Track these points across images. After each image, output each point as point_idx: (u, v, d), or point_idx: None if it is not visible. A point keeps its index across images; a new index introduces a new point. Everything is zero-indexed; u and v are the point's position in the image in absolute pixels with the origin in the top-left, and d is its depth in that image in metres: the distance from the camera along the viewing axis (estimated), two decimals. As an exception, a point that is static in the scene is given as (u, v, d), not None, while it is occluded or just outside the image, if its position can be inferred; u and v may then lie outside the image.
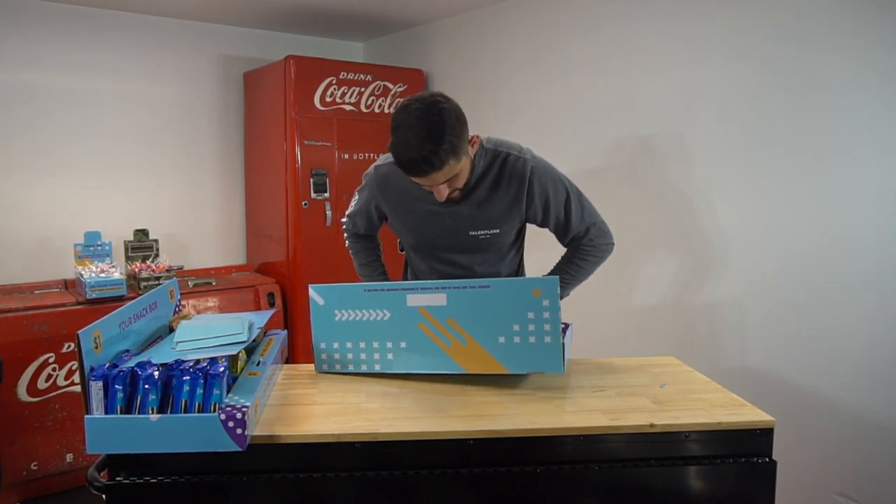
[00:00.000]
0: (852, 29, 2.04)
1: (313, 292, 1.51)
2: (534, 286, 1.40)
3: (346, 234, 1.97)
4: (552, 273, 1.77)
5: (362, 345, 1.51)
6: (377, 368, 1.52)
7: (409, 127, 1.44)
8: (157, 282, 3.00)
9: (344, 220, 1.95)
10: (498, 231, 1.69)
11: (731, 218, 2.41)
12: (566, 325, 1.57)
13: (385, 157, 1.74)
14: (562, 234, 1.74)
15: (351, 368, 1.53)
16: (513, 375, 1.51)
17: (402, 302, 1.46)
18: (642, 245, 2.72)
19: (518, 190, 1.64)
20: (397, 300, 1.46)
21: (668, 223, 2.62)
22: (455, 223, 1.68)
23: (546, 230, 1.76)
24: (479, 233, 1.69)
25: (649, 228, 2.69)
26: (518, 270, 1.87)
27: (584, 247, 1.74)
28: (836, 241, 2.12)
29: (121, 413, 1.15)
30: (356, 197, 1.87)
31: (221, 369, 1.20)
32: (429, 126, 1.42)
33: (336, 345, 1.52)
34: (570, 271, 1.76)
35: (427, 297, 1.45)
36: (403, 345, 1.48)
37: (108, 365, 1.19)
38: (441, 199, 1.57)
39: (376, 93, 3.58)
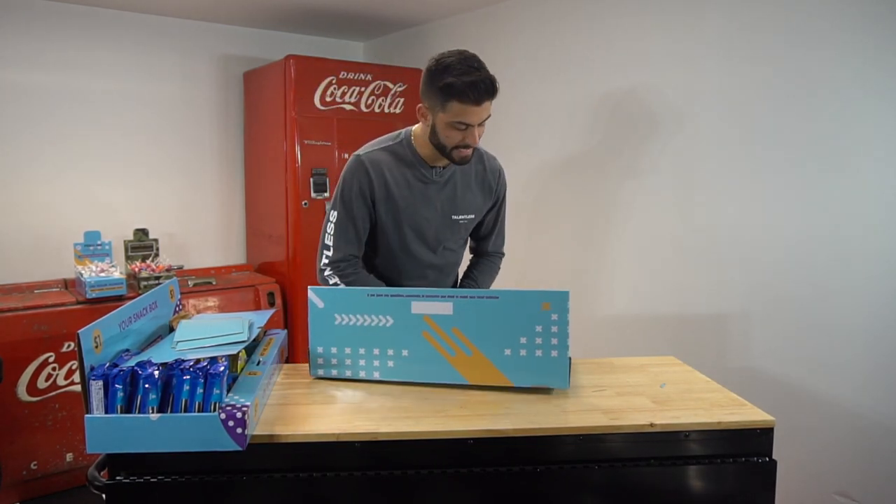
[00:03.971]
0: (857, 29, 2.04)
1: (313, 294, 1.47)
2: (543, 299, 1.39)
3: (332, 276, 1.70)
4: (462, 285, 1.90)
5: (362, 351, 1.47)
6: (376, 376, 1.48)
7: (466, 59, 1.52)
8: (157, 281, 3.00)
9: (324, 262, 1.72)
10: (473, 217, 1.80)
11: (731, 218, 2.40)
12: None
13: (368, 146, 1.74)
14: (487, 232, 1.90)
15: (349, 374, 1.49)
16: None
17: (407, 309, 1.43)
18: (643, 244, 2.72)
19: (492, 181, 1.81)
20: (401, 307, 1.43)
21: (668, 222, 2.62)
22: (443, 205, 1.75)
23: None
24: (459, 217, 1.78)
25: (649, 228, 2.68)
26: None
27: (490, 258, 1.93)
28: (837, 241, 2.12)
29: (121, 412, 1.15)
30: (333, 214, 1.72)
31: (221, 369, 1.20)
32: (480, 62, 1.54)
33: (334, 350, 1.48)
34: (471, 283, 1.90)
35: (432, 306, 1.43)
36: (406, 353, 1.45)
37: (108, 364, 1.20)
38: (474, 143, 1.60)
39: (376, 92, 3.57)
